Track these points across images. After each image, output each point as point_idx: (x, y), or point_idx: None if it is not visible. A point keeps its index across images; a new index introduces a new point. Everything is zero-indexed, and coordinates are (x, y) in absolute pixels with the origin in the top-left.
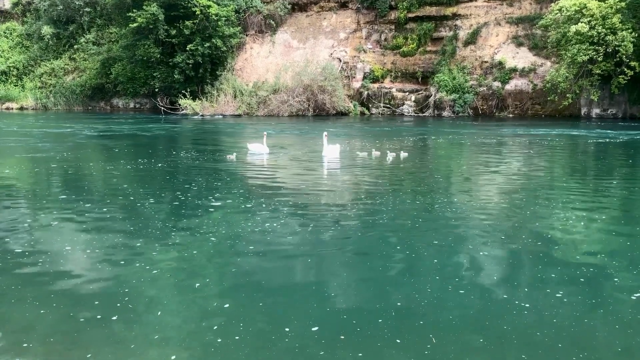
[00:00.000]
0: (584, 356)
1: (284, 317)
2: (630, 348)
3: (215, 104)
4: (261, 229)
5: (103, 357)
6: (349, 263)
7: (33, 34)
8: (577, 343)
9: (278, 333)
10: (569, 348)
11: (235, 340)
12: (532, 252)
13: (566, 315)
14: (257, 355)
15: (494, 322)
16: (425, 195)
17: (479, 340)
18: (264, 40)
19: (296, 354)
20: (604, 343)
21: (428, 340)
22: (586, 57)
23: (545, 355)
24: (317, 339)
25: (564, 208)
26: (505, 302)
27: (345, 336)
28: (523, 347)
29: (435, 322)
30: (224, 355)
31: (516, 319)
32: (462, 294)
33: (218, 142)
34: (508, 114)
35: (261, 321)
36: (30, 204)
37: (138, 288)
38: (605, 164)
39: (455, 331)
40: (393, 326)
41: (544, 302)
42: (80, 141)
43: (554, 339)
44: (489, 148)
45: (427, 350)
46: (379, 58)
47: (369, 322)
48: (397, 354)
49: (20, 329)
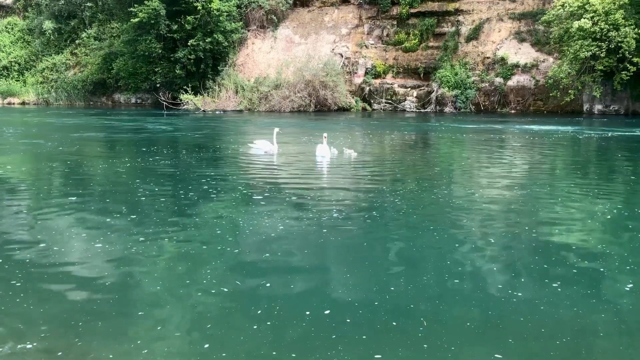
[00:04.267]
0: (582, 346)
1: (284, 310)
2: (628, 337)
3: (216, 99)
4: (263, 222)
5: (105, 350)
6: (351, 255)
7: (34, 29)
8: (575, 333)
9: (278, 325)
10: (567, 338)
11: (238, 332)
12: (532, 244)
13: (565, 305)
14: (260, 345)
15: (492, 313)
16: (428, 188)
17: (478, 330)
18: (265, 36)
19: (296, 346)
20: (603, 334)
21: (426, 331)
22: (589, 53)
23: (543, 345)
24: (318, 330)
25: (564, 201)
26: (505, 293)
27: (345, 328)
28: (521, 337)
29: (434, 313)
30: (226, 346)
31: (515, 310)
32: (462, 285)
33: (228, 138)
34: (510, 109)
35: (263, 313)
36: (36, 196)
37: (139, 280)
38: (606, 159)
39: (454, 322)
40: (391, 318)
41: (544, 293)
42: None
43: (553, 329)
44: (491, 143)
45: (425, 343)
46: (380, 54)
47: (368, 314)
48: (395, 345)
49: (21, 322)
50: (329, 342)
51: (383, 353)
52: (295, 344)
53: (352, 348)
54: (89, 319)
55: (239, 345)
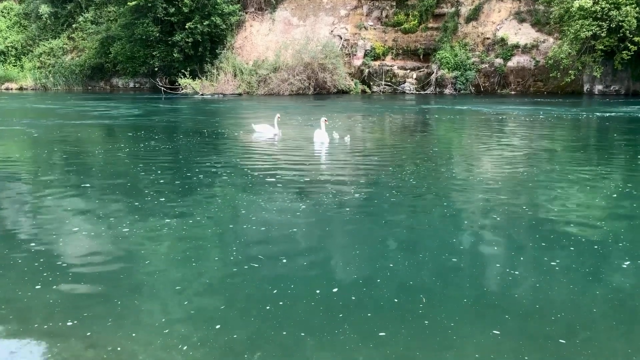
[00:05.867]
0: (577, 323)
1: (286, 292)
2: (624, 315)
3: (215, 83)
4: (266, 206)
5: (105, 335)
6: (352, 238)
7: (31, 14)
8: (571, 310)
9: (280, 307)
10: (562, 314)
11: (239, 315)
12: (531, 223)
13: (562, 284)
14: (261, 329)
15: (490, 290)
16: (428, 170)
17: (476, 307)
18: (263, 18)
19: (299, 328)
20: (599, 312)
21: (425, 308)
22: (589, 32)
23: (539, 322)
24: (322, 312)
25: (563, 180)
26: (502, 272)
27: (350, 306)
28: (518, 314)
29: (433, 290)
30: (227, 330)
31: (512, 288)
32: (461, 263)
33: (229, 123)
34: (510, 91)
35: (264, 297)
36: (36, 181)
37: (141, 266)
38: (606, 139)
39: (453, 299)
40: (393, 295)
41: (541, 271)
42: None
43: (549, 307)
44: (491, 124)
45: (426, 320)
46: (380, 35)
47: (371, 292)
48: (397, 322)
49: (22, 308)
50: (336, 321)
51: (387, 330)
52: (303, 324)
53: (358, 327)
54: (91, 304)
55: (242, 327)
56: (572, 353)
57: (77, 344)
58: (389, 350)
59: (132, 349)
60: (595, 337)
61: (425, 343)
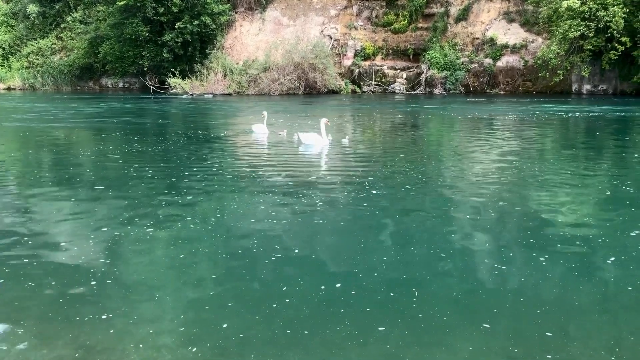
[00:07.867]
0: (565, 317)
1: (279, 290)
2: (611, 309)
3: (205, 82)
4: (260, 206)
5: (96, 335)
6: (343, 236)
7: (18, 13)
8: (559, 305)
9: (272, 305)
10: (550, 308)
11: (232, 314)
12: (521, 219)
13: (550, 279)
14: (253, 327)
15: (480, 285)
16: (418, 168)
17: (466, 301)
18: (253, 18)
19: (292, 325)
20: (586, 306)
21: (419, 302)
22: (577, 32)
23: (528, 316)
24: (312, 310)
25: (553, 178)
26: (492, 267)
27: (339, 307)
28: (507, 309)
29: (425, 285)
30: (219, 329)
31: (502, 282)
32: (452, 258)
33: (224, 123)
34: (499, 90)
35: (257, 295)
36: (25, 181)
37: (132, 266)
38: (594, 138)
39: (444, 293)
40: (384, 295)
41: (530, 267)
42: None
43: (538, 301)
44: (481, 124)
45: (420, 314)
46: (370, 35)
47: (361, 293)
48: (394, 316)
49: (13, 307)
50: (338, 316)
51: (385, 325)
52: (295, 321)
53: (358, 322)
54: (80, 304)
55: (233, 325)
56: (559, 345)
57: (68, 345)
58: (382, 345)
59: (123, 350)
60: (581, 330)
61: (417, 337)
